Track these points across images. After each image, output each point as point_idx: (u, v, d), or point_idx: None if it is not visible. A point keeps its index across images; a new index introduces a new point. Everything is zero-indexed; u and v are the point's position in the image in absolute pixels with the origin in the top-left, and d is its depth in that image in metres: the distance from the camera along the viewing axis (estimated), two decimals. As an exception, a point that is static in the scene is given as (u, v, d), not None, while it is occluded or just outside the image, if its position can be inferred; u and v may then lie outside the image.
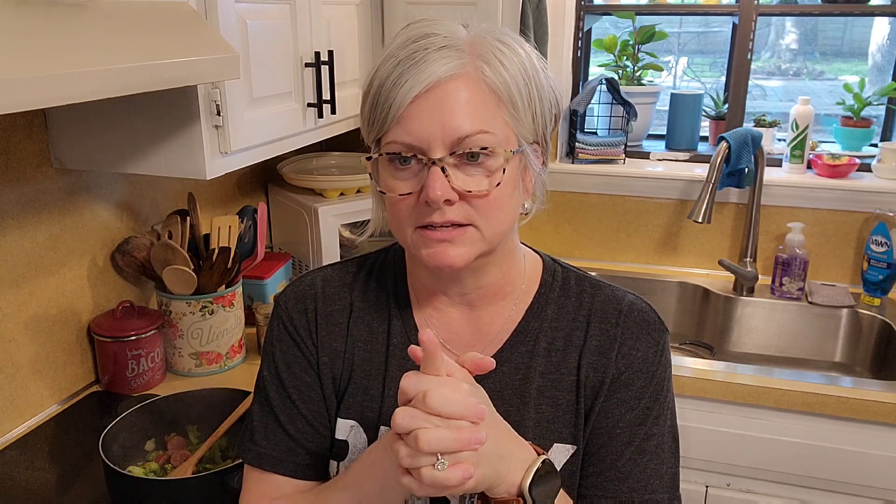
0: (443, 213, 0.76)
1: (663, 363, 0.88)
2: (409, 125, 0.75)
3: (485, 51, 0.77)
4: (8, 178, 1.30)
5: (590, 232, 2.24)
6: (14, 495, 1.20)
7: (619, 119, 2.26)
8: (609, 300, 0.89)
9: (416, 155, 0.76)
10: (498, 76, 0.76)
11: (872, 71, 2.61)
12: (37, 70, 0.80)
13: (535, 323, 0.88)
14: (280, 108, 1.44)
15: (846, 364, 1.95)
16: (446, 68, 0.74)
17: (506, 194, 0.79)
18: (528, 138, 0.80)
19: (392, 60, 0.76)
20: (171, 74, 1.00)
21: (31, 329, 1.37)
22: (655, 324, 0.88)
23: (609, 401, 0.85)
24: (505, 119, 0.77)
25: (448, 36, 0.77)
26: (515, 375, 0.87)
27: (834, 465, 1.54)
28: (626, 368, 0.86)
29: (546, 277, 0.91)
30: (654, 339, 0.87)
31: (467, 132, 0.74)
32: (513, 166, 0.79)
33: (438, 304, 0.89)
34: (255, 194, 2.05)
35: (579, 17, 2.23)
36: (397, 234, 0.82)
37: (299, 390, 0.90)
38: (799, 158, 2.07)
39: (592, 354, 0.86)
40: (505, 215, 0.80)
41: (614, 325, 0.87)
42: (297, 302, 0.92)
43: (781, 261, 1.99)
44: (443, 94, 0.74)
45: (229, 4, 1.24)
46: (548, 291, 0.90)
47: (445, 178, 0.75)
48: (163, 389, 1.48)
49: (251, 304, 1.74)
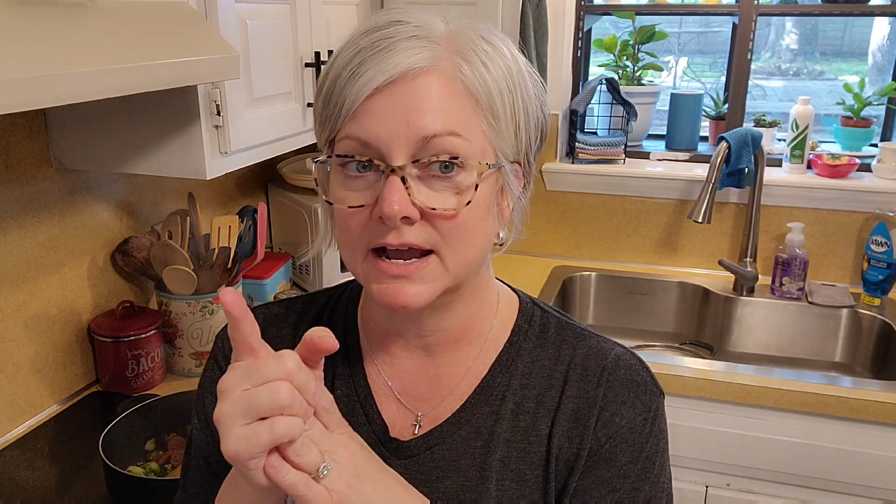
0: (400, 234, 0.63)
1: (655, 434, 0.72)
2: (365, 121, 0.62)
3: (464, 47, 0.64)
4: (8, 178, 1.30)
5: (590, 232, 2.24)
6: (14, 495, 1.19)
7: (619, 119, 2.26)
8: (592, 353, 0.74)
9: (372, 160, 0.63)
10: (478, 77, 0.63)
11: (872, 71, 2.61)
12: (37, 70, 0.80)
13: (503, 378, 0.73)
14: (280, 108, 1.44)
15: (846, 364, 1.95)
16: (416, 59, 0.61)
17: (477, 217, 0.65)
18: (509, 156, 0.67)
19: (352, 49, 0.63)
20: (171, 74, 1.00)
21: (31, 329, 1.37)
22: (646, 385, 0.73)
23: (586, 478, 0.70)
24: (482, 127, 0.64)
25: (420, 26, 0.64)
26: (476, 442, 0.72)
27: (834, 465, 1.54)
28: (608, 440, 0.70)
29: (521, 322, 0.76)
30: (643, 403, 0.72)
31: (435, 132, 0.61)
32: (488, 185, 0.65)
33: (392, 347, 0.75)
34: (255, 194, 2.05)
35: (579, 17, 2.23)
36: (346, 259, 0.68)
37: None
38: (799, 158, 2.07)
39: (567, 420, 0.71)
40: (474, 243, 0.66)
41: (595, 385, 0.72)
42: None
43: (781, 261, 1.99)
44: (409, 90, 0.61)
45: (229, 4, 1.24)
46: (521, 340, 0.75)
47: (406, 189, 0.62)
48: (163, 389, 1.48)
49: (251, 304, 1.74)
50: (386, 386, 0.76)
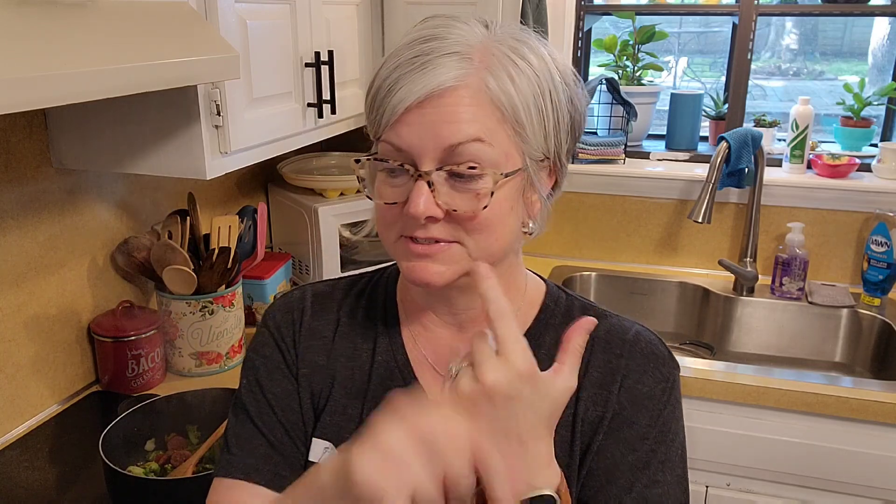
0: (426, 230, 0.72)
1: (672, 402, 0.80)
2: (401, 130, 0.71)
3: (493, 62, 0.71)
4: (8, 178, 1.30)
5: (590, 232, 2.24)
6: (14, 495, 1.20)
7: (619, 119, 2.26)
8: (614, 329, 0.82)
9: (403, 164, 0.72)
10: (503, 91, 0.70)
11: (872, 71, 2.61)
12: (37, 70, 0.80)
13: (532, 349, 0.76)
14: (280, 108, 1.44)
15: (846, 364, 1.95)
16: (446, 78, 0.69)
17: (498, 216, 0.73)
18: (537, 156, 0.74)
19: (394, 61, 0.72)
20: (171, 74, 1.00)
21: (31, 329, 1.37)
22: (664, 357, 0.81)
23: (608, 439, 0.78)
24: (508, 134, 0.72)
25: (458, 40, 0.71)
26: None
27: (834, 465, 1.54)
28: (629, 404, 0.78)
29: (548, 302, 0.85)
30: (662, 374, 0.80)
31: (460, 140, 0.69)
32: (509, 187, 0.73)
33: (427, 322, 0.84)
34: (255, 194, 2.05)
35: (579, 17, 2.23)
36: (384, 240, 0.78)
37: (278, 398, 0.84)
38: (799, 158, 2.07)
39: (593, 387, 0.79)
40: (497, 236, 0.74)
41: (618, 355, 0.80)
42: (285, 312, 0.88)
43: (781, 261, 1.99)
44: (439, 104, 0.70)
45: (229, 4, 1.24)
46: (548, 317, 0.84)
47: (431, 192, 0.70)
48: (163, 389, 1.48)
49: (251, 304, 1.74)
50: (422, 356, 0.84)
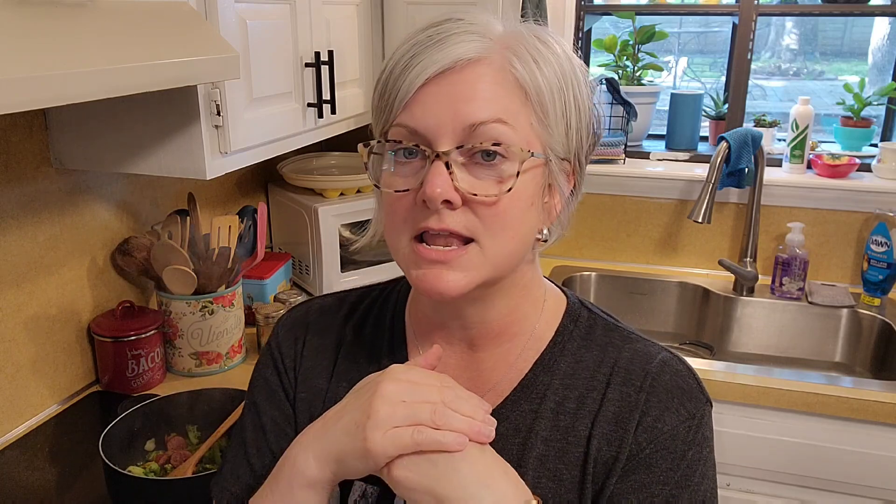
0: (441, 219, 0.65)
1: (698, 442, 0.70)
2: (415, 110, 0.65)
3: (517, 44, 0.66)
4: (8, 178, 1.30)
5: (590, 232, 2.24)
6: (14, 495, 1.19)
7: (619, 119, 2.26)
8: (637, 357, 0.73)
9: (419, 145, 0.65)
10: (529, 73, 0.65)
11: (872, 71, 2.62)
12: (37, 70, 0.80)
13: (545, 377, 0.74)
14: (280, 108, 1.44)
15: (846, 364, 1.95)
16: (467, 49, 0.64)
17: (518, 207, 0.66)
18: (559, 153, 0.68)
19: (408, 44, 0.67)
20: (172, 74, 1.00)
21: (31, 329, 1.37)
22: (692, 391, 0.72)
23: (624, 482, 0.69)
24: (531, 121, 0.66)
25: (476, 24, 0.66)
26: (514, 438, 0.73)
27: (834, 465, 1.54)
28: (648, 444, 0.69)
29: (566, 322, 0.77)
30: (687, 410, 0.70)
31: (482, 119, 0.63)
32: (531, 177, 0.67)
33: (438, 340, 0.78)
34: (255, 194, 2.05)
35: (579, 17, 2.23)
36: (391, 245, 0.71)
37: (274, 421, 0.81)
38: (799, 158, 2.07)
39: (608, 423, 0.70)
40: (514, 233, 0.67)
41: (638, 389, 0.71)
42: (289, 329, 0.84)
43: (781, 261, 1.99)
44: (459, 79, 0.64)
45: (229, 4, 1.24)
46: (565, 340, 0.76)
47: (449, 174, 0.64)
48: (163, 389, 1.48)
49: (251, 304, 1.74)
50: None
